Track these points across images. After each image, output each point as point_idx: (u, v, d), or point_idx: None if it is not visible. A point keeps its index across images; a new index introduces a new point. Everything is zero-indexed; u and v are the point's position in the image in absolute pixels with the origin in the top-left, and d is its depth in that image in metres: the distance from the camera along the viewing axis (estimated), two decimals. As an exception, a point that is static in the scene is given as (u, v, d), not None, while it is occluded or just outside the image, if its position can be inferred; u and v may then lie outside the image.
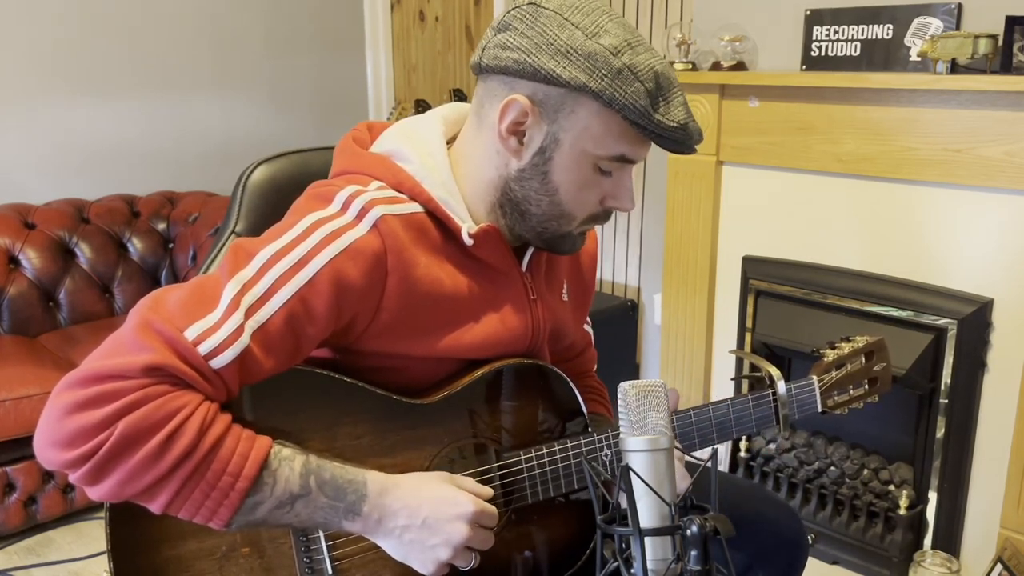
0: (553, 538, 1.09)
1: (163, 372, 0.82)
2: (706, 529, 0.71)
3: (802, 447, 2.37)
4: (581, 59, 0.93)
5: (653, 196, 3.09)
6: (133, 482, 0.81)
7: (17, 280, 2.64)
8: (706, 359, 2.61)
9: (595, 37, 0.93)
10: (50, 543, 2.34)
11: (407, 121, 1.09)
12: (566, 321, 1.19)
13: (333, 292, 0.91)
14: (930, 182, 2.04)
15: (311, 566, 0.97)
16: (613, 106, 0.93)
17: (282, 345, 0.90)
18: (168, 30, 3.07)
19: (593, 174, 0.99)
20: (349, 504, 0.90)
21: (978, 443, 2.06)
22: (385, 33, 3.63)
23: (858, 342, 1.19)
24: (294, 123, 3.44)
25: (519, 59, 0.95)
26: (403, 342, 0.99)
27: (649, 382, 0.78)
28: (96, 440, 0.79)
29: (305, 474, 0.89)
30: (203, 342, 0.84)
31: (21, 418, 2.23)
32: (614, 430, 1.08)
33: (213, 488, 0.83)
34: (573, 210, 1.02)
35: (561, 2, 0.96)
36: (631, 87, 0.92)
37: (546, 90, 0.95)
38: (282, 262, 0.90)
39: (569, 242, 1.06)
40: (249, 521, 0.87)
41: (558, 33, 0.94)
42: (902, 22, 2.09)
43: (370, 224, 0.95)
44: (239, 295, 0.87)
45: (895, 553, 2.14)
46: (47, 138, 2.87)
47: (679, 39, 2.49)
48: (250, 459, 0.85)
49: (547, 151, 0.98)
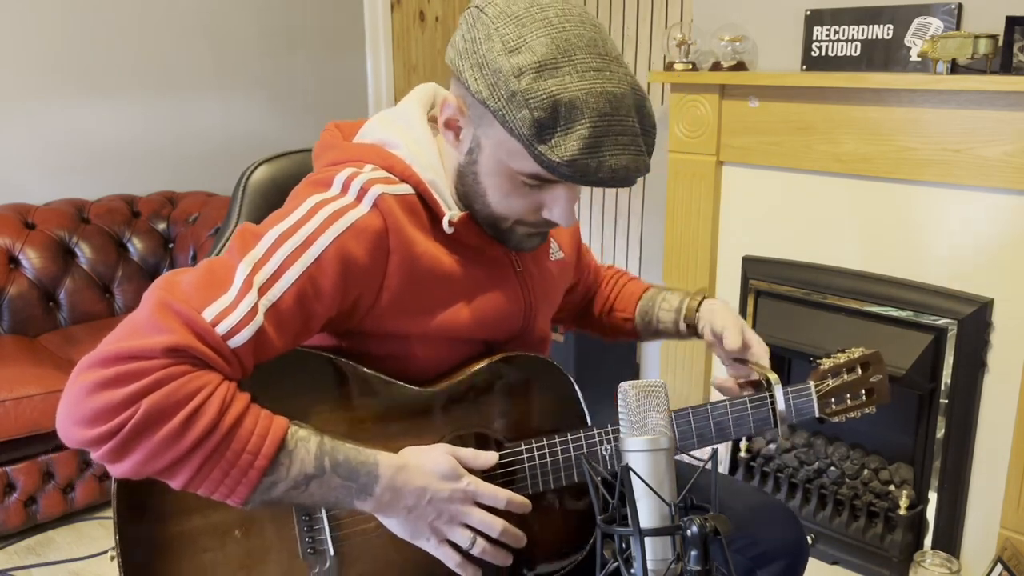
0: (553, 530, 1.10)
1: (184, 353, 0.83)
2: (706, 529, 0.71)
3: (802, 447, 2.37)
4: (489, 75, 0.91)
5: (653, 196, 3.09)
6: (155, 460, 0.82)
7: (17, 280, 2.64)
8: (706, 359, 2.61)
9: (512, 53, 0.90)
10: (50, 543, 2.34)
11: (386, 112, 1.11)
12: (563, 276, 1.23)
13: (339, 270, 0.93)
14: (930, 182, 2.04)
15: (313, 545, 0.98)
16: (505, 127, 0.92)
17: (292, 323, 0.91)
18: (168, 30, 3.07)
19: (517, 185, 0.98)
20: (361, 485, 0.92)
21: (978, 443, 2.06)
22: (385, 33, 3.63)
23: (854, 352, 1.20)
24: (294, 123, 3.44)
25: (453, 60, 0.97)
26: (404, 321, 1.01)
27: (649, 382, 0.78)
28: (120, 418, 0.80)
29: (320, 455, 0.90)
30: (221, 322, 0.85)
31: (21, 418, 2.23)
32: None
33: (233, 467, 0.85)
34: (504, 212, 1.01)
35: (502, 10, 0.93)
36: (519, 113, 0.90)
37: (470, 96, 0.96)
38: (289, 242, 0.92)
39: (515, 240, 1.05)
40: (266, 500, 0.89)
41: (482, 43, 0.93)
42: (902, 22, 2.09)
43: (371, 203, 0.96)
44: (251, 274, 0.89)
45: (895, 553, 2.14)
46: (47, 138, 2.87)
47: (679, 39, 2.49)
48: (268, 439, 0.87)
49: (473, 153, 0.99)
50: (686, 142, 2.49)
